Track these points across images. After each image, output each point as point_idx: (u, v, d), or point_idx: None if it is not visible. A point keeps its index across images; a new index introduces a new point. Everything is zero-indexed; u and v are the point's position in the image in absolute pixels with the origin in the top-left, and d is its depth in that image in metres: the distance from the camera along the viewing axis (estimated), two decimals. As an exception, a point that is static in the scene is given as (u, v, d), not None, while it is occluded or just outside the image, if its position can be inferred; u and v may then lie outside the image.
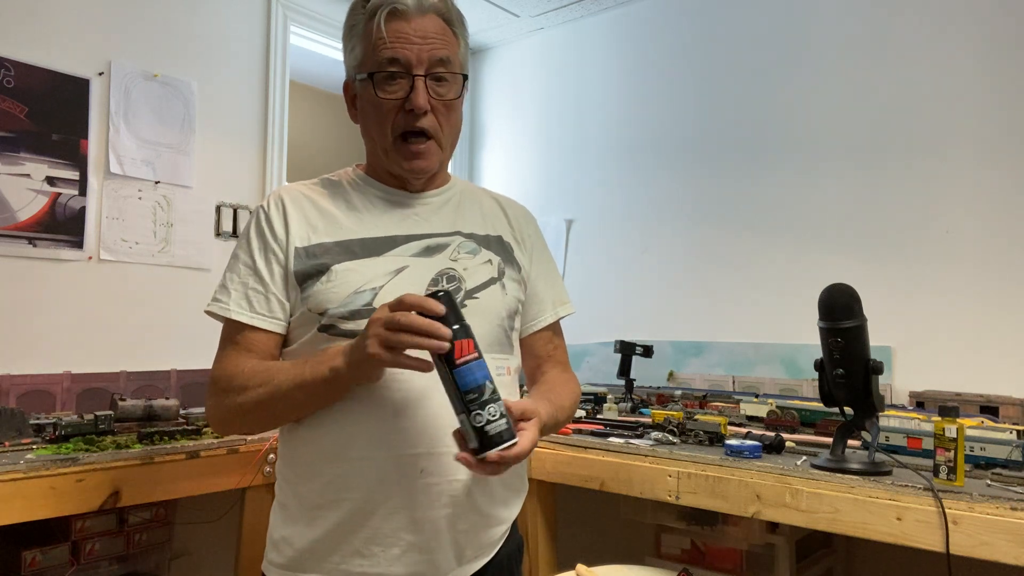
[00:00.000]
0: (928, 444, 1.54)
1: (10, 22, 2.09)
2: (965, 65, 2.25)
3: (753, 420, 2.04)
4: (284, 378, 1.04)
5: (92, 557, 1.80)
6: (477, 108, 3.61)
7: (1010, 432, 1.47)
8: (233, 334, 1.13)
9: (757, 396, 2.33)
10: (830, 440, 1.49)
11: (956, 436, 1.28)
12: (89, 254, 2.24)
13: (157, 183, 2.41)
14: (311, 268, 1.11)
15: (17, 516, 1.37)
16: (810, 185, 2.53)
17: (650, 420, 1.88)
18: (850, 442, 1.49)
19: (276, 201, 1.17)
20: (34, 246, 2.12)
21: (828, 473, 1.39)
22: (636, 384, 2.44)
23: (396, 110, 1.12)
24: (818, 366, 1.46)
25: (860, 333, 1.39)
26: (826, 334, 1.41)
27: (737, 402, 2.16)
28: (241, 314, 1.11)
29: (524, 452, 0.94)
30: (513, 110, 3.48)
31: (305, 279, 1.11)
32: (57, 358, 2.14)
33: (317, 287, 1.10)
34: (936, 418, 1.34)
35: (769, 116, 2.65)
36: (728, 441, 1.60)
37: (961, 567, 1.22)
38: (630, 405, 2.27)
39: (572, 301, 1.35)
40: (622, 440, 1.75)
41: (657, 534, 2.01)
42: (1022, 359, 2.09)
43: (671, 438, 1.74)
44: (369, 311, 1.06)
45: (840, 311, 1.38)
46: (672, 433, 1.76)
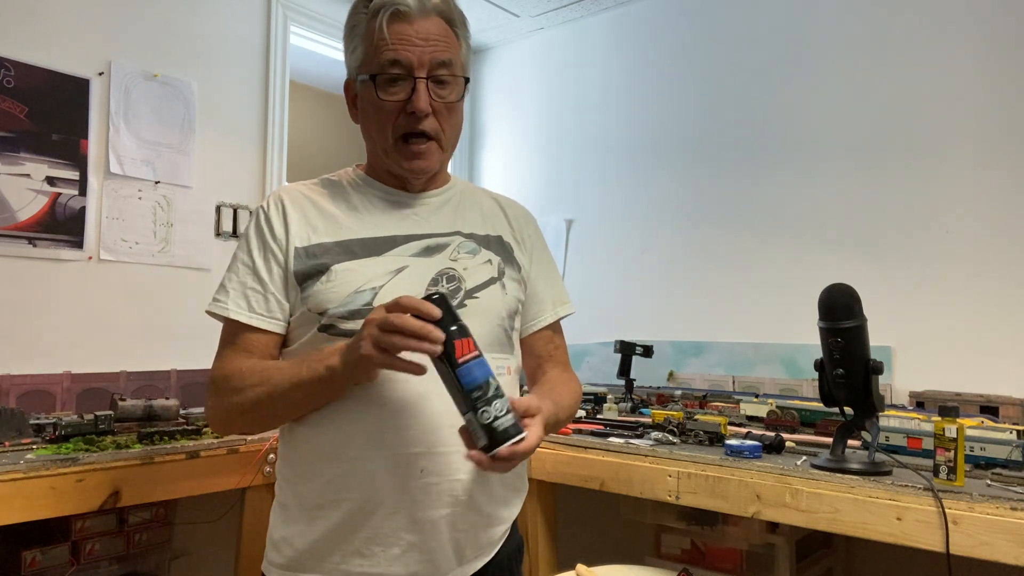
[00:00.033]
0: (928, 444, 1.54)
1: (10, 22, 2.09)
2: (965, 65, 2.25)
3: (753, 420, 2.04)
4: (281, 377, 1.04)
5: (92, 557, 1.80)
6: (477, 108, 3.61)
7: (1010, 432, 1.47)
8: (232, 334, 1.13)
9: (757, 396, 2.33)
10: (830, 440, 1.49)
11: (956, 436, 1.28)
12: (89, 254, 2.24)
13: (157, 183, 2.41)
14: (311, 268, 1.11)
15: (17, 516, 1.38)
16: (810, 185, 2.53)
17: (650, 420, 1.88)
18: (850, 442, 1.49)
19: (276, 202, 1.17)
20: (34, 246, 2.12)
21: (828, 473, 1.39)
22: (636, 384, 2.44)
23: (397, 112, 1.12)
24: (818, 366, 1.46)
25: (860, 333, 1.39)
26: (826, 334, 1.41)
27: (737, 402, 2.16)
28: (239, 313, 1.11)
29: (532, 447, 0.94)
30: (513, 110, 3.48)
31: (305, 279, 1.11)
32: (57, 358, 2.14)
33: (317, 287, 1.10)
34: (936, 418, 1.34)
35: (769, 116, 2.65)
36: (728, 441, 1.60)
37: (961, 567, 1.22)
38: (630, 405, 2.27)
39: (572, 301, 1.35)
40: (622, 440, 1.75)
41: (657, 534, 2.01)
42: (1022, 359, 2.09)
43: (671, 438, 1.74)
44: (369, 311, 1.06)
45: (840, 311, 1.38)
46: (672, 433, 1.76)
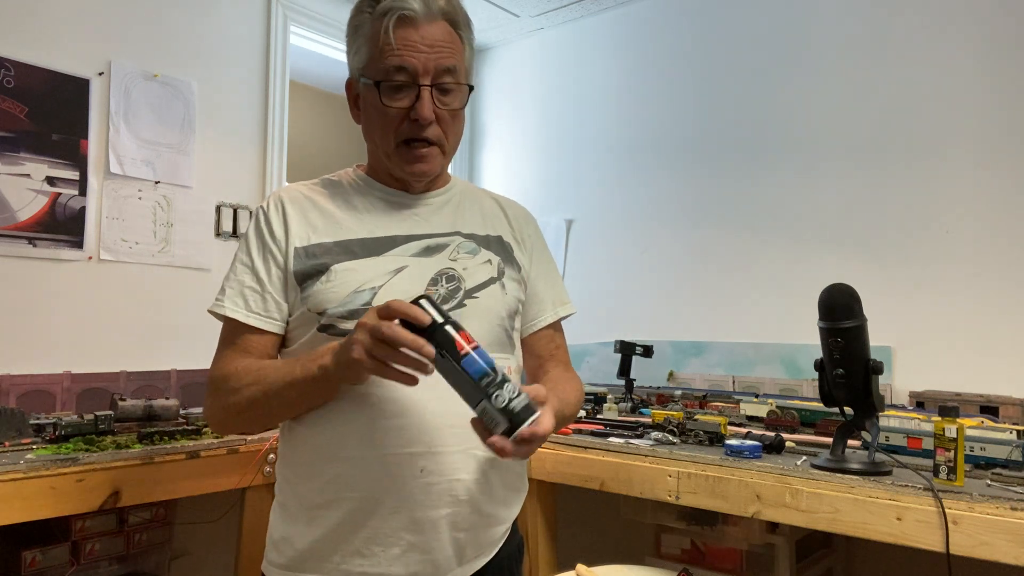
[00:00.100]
0: (928, 444, 1.54)
1: (10, 22, 2.09)
2: (965, 65, 2.25)
3: (753, 420, 2.04)
4: (276, 377, 1.04)
5: (92, 557, 1.80)
6: (477, 108, 3.61)
7: (1010, 432, 1.47)
8: (230, 334, 1.14)
9: (757, 396, 2.33)
10: (830, 440, 1.49)
11: (956, 436, 1.28)
12: (89, 254, 2.24)
13: (157, 183, 2.41)
14: (311, 268, 1.11)
15: (17, 516, 1.37)
16: (810, 185, 2.53)
17: (650, 420, 1.88)
18: (850, 442, 1.49)
19: (276, 202, 1.17)
20: (34, 246, 2.12)
21: (828, 473, 1.39)
22: (636, 384, 2.44)
23: (401, 118, 1.12)
24: (818, 366, 1.46)
25: (860, 333, 1.39)
26: (826, 334, 1.41)
27: (737, 402, 2.16)
28: (237, 312, 1.12)
29: (549, 430, 0.93)
30: (513, 110, 3.48)
31: (305, 279, 1.11)
32: (57, 358, 2.14)
33: (317, 287, 1.10)
34: (936, 418, 1.34)
35: (769, 116, 2.65)
36: (728, 441, 1.60)
37: (961, 567, 1.22)
38: (630, 405, 2.27)
39: (572, 301, 1.35)
40: (622, 440, 1.75)
41: (657, 534, 2.01)
42: (1022, 359, 2.09)
43: (671, 438, 1.74)
44: (368, 311, 1.06)
45: (840, 311, 1.38)
46: (672, 433, 1.76)
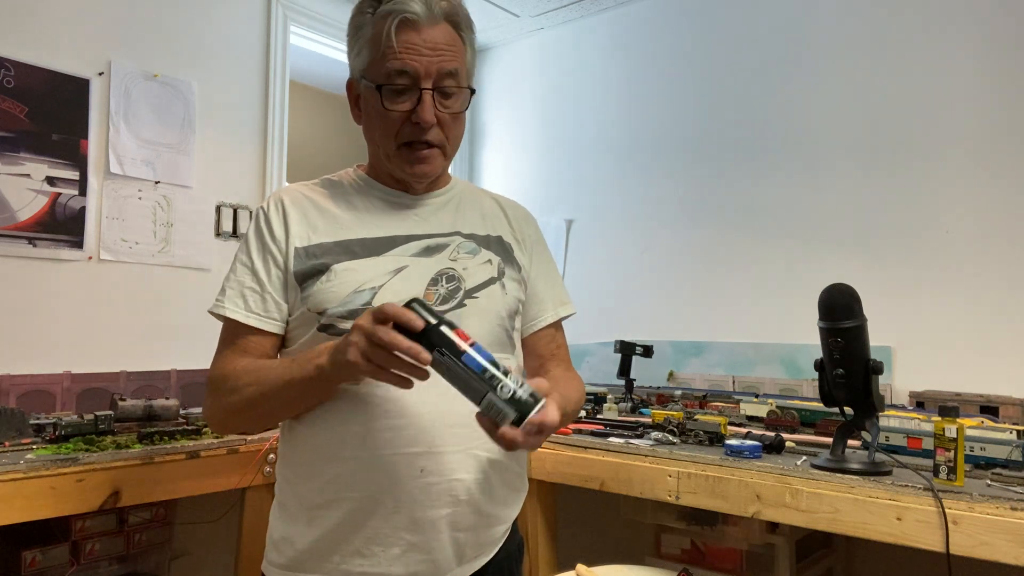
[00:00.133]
0: (928, 444, 1.54)
1: (10, 22, 2.09)
2: (965, 65, 2.25)
3: (753, 420, 2.04)
4: (273, 377, 1.04)
5: (92, 557, 1.80)
6: (477, 108, 3.61)
7: (1010, 432, 1.47)
8: (230, 334, 1.14)
9: (757, 396, 2.33)
10: (830, 440, 1.49)
11: (956, 436, 1.28)
12: (89, 254, 2.24)
13: (157, 183, 2.41)
14: (311, 268, 1.11)
15: (17, 516, 1.37)
16: (810, 185, 2.53)
17: (650, 420, 1.88)
18: (850, 442, 1.49)
19: (276, 203, 1.17)
20: (34, 246, 2.12)
21: (828, 473, 1.39)
22: (636, 384, 2.44)
23: (402, 121, 1.12)
24: (818, 366, 1.46)
25: (860, 333, 1.39)
26: (826, 334, 1.41)
27: (737, 402, 2.16)
28: (236, 312, 1.12)
29: (556, 420, 0.93)
30: (513, 110, 3.48)
31: (305, 279, 1.11)
32: (57, 358, 2.13)
33: (317, 286, 1.10)
34: (936, 418, 1.34)
35: (769, 116, 2.65)
36: (728, 441, 1.60)
37: (961, 567, 1.22)
38: (630, 405, 2.27)
39: (572, 301, 1.35)
40: (622, 440, 1.75)
41: (657, 534, 2.01)
42: (1022, 359, 2.09)
43: (671, 438, 1.74)
44: (363, 313, 1.06)
45: (840, 311, 1.38)
46: (672, 433, 1.76)
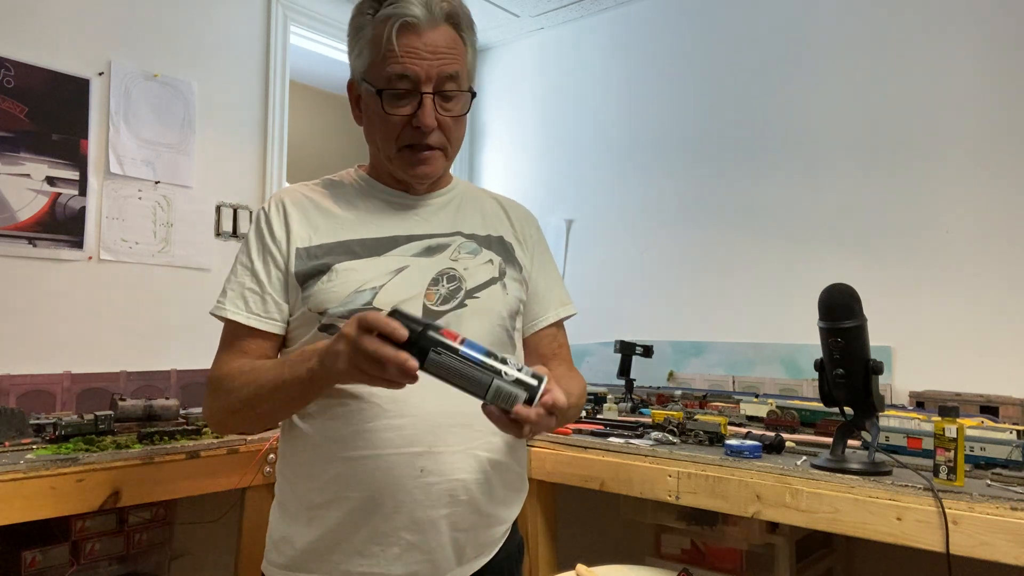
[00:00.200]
0: (928, 444, 1.54)
1: (10, 22, 2.09)
2: (965, 65, 2.25)
3: (753, 420, 2.04)
4: (267, 379, 1.04)
5: (92, 557, 1.80)
6: (477, 108, 3.61)
7: (1010, 432, 1.47)
8: (230, 335, 1.14)
9: (757, 396, 2.33)
10: (830, 440, 1.49)
11: (956, 436, 1.28)
12: (89, 254, 2.24)
13: (157, 183, 2.41)
14: (312, 268, 1.11)
15: (17, 516, 1.37)
16: (810, 185, 2.53)
17: (650, 420, 1.88)
18: (850, 442, 1.49)
19: (277, 203, 1.17)
20: (34, 246, 2.12)
21: (828, 473, 1.39)
22: (636, 384, 2.44)
23: (403, 124, 1.12)
24: (818, 366, 1.46)
25: (860, 333, 1.39)
26: (826, 334, 1.41)
27: (737, 402, 2.16)
28: (237, 313, 1.12)
29: (563, 400, 0.92)
30: (513, 110, 3.48)
31: (306, 279, 1.11)
32: (57, 358, 2.13)
33: (318, 286, 1.10)
34: (936, 418, 1.34)
35: (769, 116, 2.65)
36: (728, 441, 1.60)
37: (961, 567, 1.22)
38: (630, 405, 2.27)
39: (572, 302, 1.35)
40: (622, 440, 1.75)
41: (657, 534, 2.01)
42: (1022, 359, 2.09)
43: (671, 438, 1.74)
44: (368, 311, 1.06)
45: (840, 311, 1.38)
46: (672, 433, 1.76)
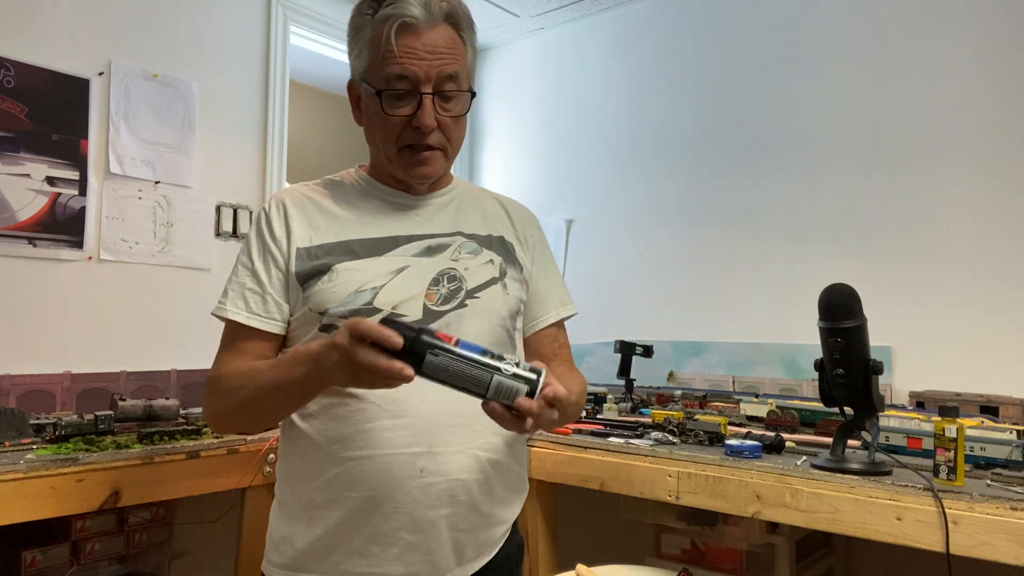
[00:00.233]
0: (928, 444, 1.54)
1: (10, 22, 2.09)
2: (965, 65, 2.25)
3: (753, 420, 2.04)
4: (264, 380, 1.04)
5: (92, 557, 1.80)
6: (477, 108, 3.61)
7: (1010, 432, 1.47)
8: (231, 335, 1.14)
9: (757, 396, 2.33)
10: (830, 440, 1.49)
11: (956, 436, 1.28)
12: (89, 254, 2.24)
13: (157, 183, 2.41)
14: (313, 268, 1.11)
15: (17, 516, 1.37)
16: (810, 185, 2.53)
17: (650, 420, 1.88)
18: (850, 442, 1.49)
19: (277, 204, 1.17)
20: (34, 246, 2.12)
21: (828, 473, 1.39)
22: (636, 384, 2.44)
23: (403, 125, 1.12)
24: (818, 366, 1.46)
25: (860, 333, 1.39)
26: (826, 334, 1.41)
27: (737, 402, 2.16)
28: (237, 313, 1.12)
29: (563, 391, 0.92)
30: (513, 110, 3.48)
31: (307, 279, 1.11)
32: (57, 358, 2.13)
33: (319, 286, 1.10)
34: (936, 418, 1.34)
35: (769, 116, 2.65)
36: (728, 441, 1.60)
37: (961, 567, 1.22)
38: (630, 405, 2.27)
39: (573, 302, 1.35)
40: (622, 440, 1.75)
41: (657, 534, 2.01)
42: (1022, 359, 2.09)
43: (671, 438, 1.74)
44: (369, 311, 1.07)
45: (840, 311, 1.38)
46: (672, 433, 1.76)
